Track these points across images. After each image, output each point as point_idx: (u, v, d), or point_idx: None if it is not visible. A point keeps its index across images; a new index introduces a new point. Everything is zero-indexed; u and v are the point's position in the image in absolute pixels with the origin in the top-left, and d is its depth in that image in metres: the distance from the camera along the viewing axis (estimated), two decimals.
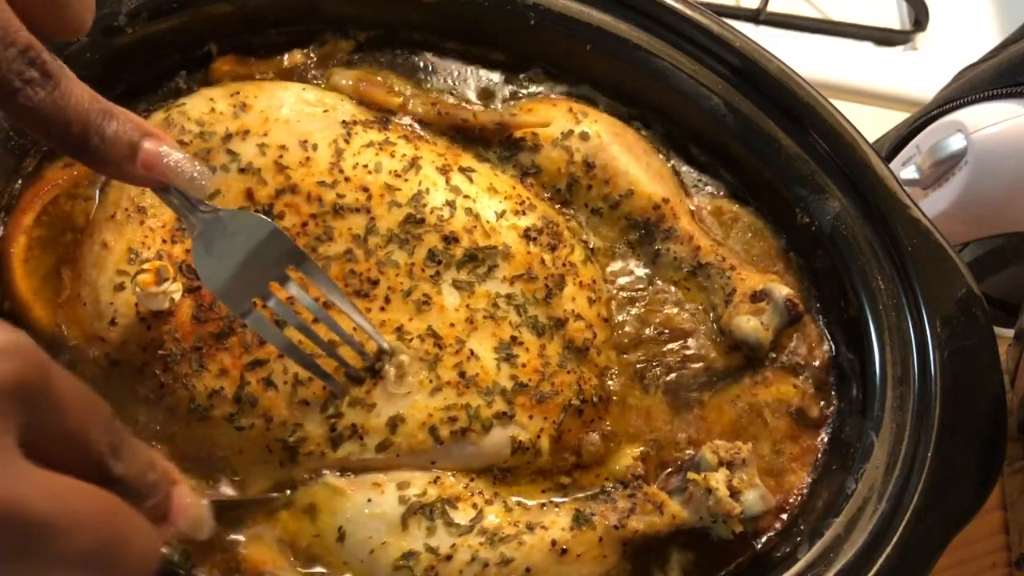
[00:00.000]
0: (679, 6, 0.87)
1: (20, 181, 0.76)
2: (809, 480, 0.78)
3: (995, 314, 0.86)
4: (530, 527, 0.69)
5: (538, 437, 0.72)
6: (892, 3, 1.43)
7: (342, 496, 0.67)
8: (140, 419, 0.69)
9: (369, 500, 0.67)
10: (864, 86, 1.29)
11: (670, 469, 0.76)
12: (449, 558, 0.66)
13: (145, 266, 0.69)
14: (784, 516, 0.76)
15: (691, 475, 0.72)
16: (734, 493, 0.71)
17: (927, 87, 1.13)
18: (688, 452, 0.77)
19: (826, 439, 0.80)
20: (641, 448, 0.76)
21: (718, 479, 0.71)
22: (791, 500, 0.77)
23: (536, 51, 0.89)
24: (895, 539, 0.70)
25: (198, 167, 0.60)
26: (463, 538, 0.67)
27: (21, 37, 0.50)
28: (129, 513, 0.42)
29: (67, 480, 0.39)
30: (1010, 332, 0.87)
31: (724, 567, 0.74)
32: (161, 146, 0.58)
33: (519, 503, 0.70)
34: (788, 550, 0.73)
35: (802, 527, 0.74)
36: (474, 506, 0.69)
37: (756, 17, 1.33)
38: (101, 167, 0.57)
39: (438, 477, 0.69)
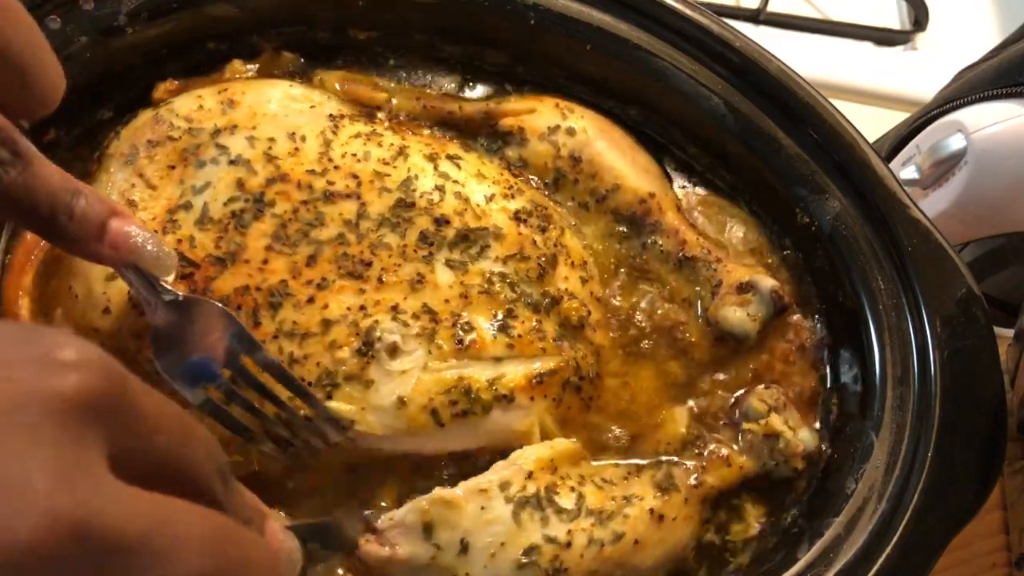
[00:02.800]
0: (679, 6, 0.87)
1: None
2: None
3: (995, 314, 0.86)
4: (627, 500, 0.70)
5: (540, 414, 0.73)
6: (892, 3, 1.43)
7: (458, 509, 0.66)
8: None
9: (482, 508, 0.67)
10: (864, 86, 1.29)
11: (720, 423, 0.78)
12: (569, 545, 0.67)
13: None
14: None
15: (747, 425, 0.76)
16: (792, 433, 0.76)
17: (927, 87, 1.13)
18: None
19: (826, 436, 0.80)
20: (688, 408, 0.78)
21: (779, 423, 0.76)
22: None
23: (536, 51, 0.89)
24: (895, 539, 0.70)
25: (164, 248, 0.61)
26: (575, 522, 0.68)
27: None
28: (249, 537, 0.39)
29: (170, 499, 0.35)
30: (1010, 332, 0.87)
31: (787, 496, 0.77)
32: (129, 225, 0.58)
33: (605, 480, 0.72)
34: (788, 550, 0.73)
35: (802, 527, 0.75)
36: (572, 489, 0.69)
37: (756, 17, 1.33)
38: (67, 245, 0.56)
39: (531, 472, 0.69)
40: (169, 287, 0.63)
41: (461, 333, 0.72)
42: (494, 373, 0.72)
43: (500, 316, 0.73)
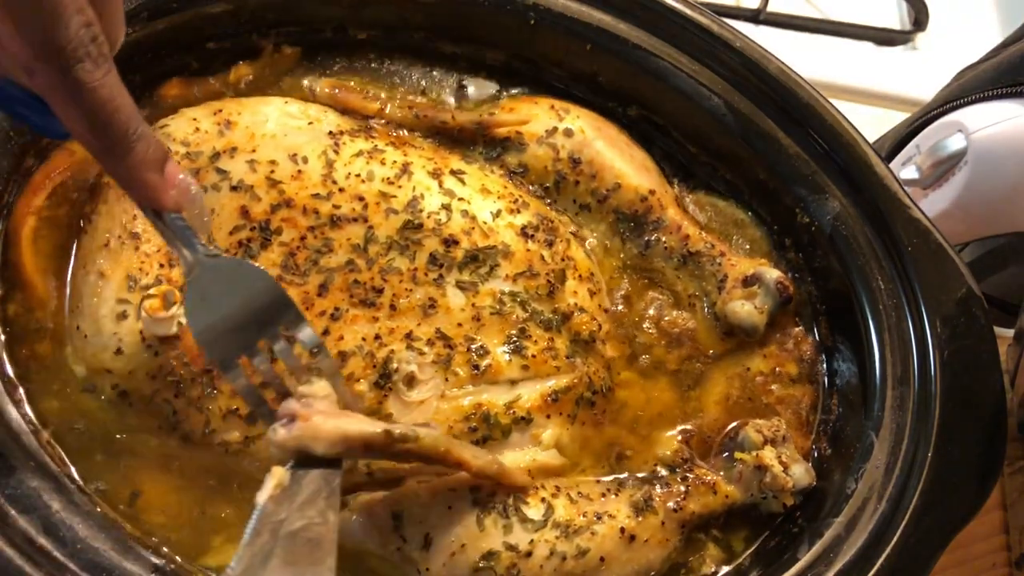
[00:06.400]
0: (679, 6, 0.87)
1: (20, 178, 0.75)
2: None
3: (995, 314, 0.86)
4: (598, 517, 0.70)
5: (556, 432, 0.73)
6: (892, 3, 1.42)
7: (425, 506, 0.67)
8: (153, 446, 0.69)
9: (449, 507, 0.67)
10: (864, 86, 1.29)
11: (714, 450, 0.78)
12: (529, 554, 0.67)
13: (152, 291, 0.69)
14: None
15: (739, 455, 0.75)
16: (783, 468, 0.74)
17: (927, 87, 1.13)
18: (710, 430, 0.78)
19: (825, 436, 0.80)
20: (683, 430, 0.78)
21: (770, 456, 0.74)
22: None
23: (536, 51, 0.89)
24: (895, 539, 0.70)
25: (205, 206, 0.59)
26: (539, 533, 0.68)
27: (89, 12, 0.49)
28: None
29: None
30: (1010, 332, 0.87)
31: (765, 533, 0.76)
32: (184, 170, 0.57)
33: (581, 494, 0.71)
34: (788, 550, 0.73)
35: (802, 527, 0.75)
36: (543, 500, 0.69)
37: (756, 17, 1.33)
38: (126, 167, 0.54)
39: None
40: (207, 244, 0.60)
41: (476, 358, 0.72)
42: (510, 396, 0.72)
43: (513, 337, 0.74)
